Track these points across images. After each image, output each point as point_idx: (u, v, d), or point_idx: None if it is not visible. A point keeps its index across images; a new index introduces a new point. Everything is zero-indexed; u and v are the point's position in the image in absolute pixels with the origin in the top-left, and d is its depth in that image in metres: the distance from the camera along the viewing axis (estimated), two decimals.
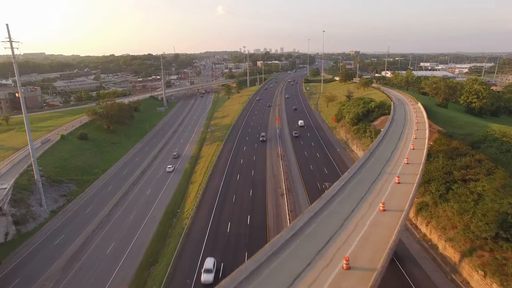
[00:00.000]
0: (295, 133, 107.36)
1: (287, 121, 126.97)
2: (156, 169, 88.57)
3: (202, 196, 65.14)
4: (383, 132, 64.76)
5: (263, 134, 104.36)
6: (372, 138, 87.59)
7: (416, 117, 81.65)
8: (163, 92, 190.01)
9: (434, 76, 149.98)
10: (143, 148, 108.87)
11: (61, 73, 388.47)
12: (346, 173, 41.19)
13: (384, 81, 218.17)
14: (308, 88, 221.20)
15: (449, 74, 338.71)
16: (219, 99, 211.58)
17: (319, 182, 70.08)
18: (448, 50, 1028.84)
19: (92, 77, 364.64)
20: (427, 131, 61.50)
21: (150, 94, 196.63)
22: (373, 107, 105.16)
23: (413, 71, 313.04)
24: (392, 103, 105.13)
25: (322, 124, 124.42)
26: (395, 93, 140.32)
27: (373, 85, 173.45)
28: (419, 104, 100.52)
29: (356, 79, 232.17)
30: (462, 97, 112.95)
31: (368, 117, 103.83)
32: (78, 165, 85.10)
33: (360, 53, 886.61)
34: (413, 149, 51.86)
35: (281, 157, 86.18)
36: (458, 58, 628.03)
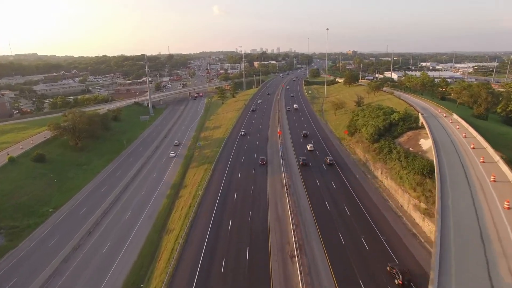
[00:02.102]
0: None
1: (290, 134, 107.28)
2: (125, 205, 68.41)
3: (178, 261, 45.28)
4: (437, 168, 45.29)
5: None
6: (401, 161, 68.29)
7: (465, 136, 62.55)
8: (148, 97, 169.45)
9: (463, 80, 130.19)
10: (115, 171, 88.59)
11: (46, 75, 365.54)
12: None
13: (392, 83, 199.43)
14: (310, 91, 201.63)
15: (456, 75, 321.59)
16: (212, 104, 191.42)
17: (341, 229, 51.08)
18: (444, 49, 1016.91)
19: (78, 79, 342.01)
20: (506, 169, 41.94)
21: (135, 100, 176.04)
22: (396, 119, 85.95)
23: (414, 72, 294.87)
24: (420, 114, 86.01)
25: (332, 138, 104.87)
26: (413, 99, 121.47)
27: (384, 88, 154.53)
28: (455, 116, 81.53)
29: (362, 81, 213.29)
30: (501, 105, 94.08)
31: (391, 131, 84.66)
32: (21, 202, 64.85)
33: (358, 52, 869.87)
34: (508, 207, 32.38)
35: (286, 188, 66.50)
36: (457, 58, 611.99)
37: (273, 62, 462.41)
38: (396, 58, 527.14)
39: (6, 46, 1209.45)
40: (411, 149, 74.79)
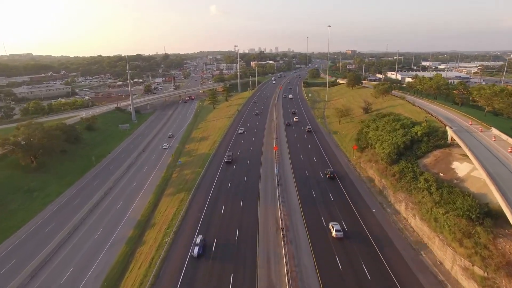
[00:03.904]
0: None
1: (288, 149, 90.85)
2: (69, 256, 51.64)
3: None
4: None
5: None
6: (432, 194, 52.36)
7: None
8: (131, 102, 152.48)
9: (495, 85, 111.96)
10: (73, 199, 71.84)
11: (32, 76, 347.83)
12: None
13: (399, 85, 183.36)
14: (310, 94, 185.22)
15: (463, 75, 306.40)
16: (203, 109, 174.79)
17: None
18: (443, 48, 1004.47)
19: (64, 80, 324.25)
20: None
21: (116, 105, 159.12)
22: (419, 134, 69.65)
23: (421, 72, 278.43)
24: (448, 128, 69.72)
25: (337, 153, 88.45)
26: (430, 106, 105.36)
27: (393, 92, 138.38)
28: (496, 131, 65.17)
29: (366, 83, 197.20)
30: None
31: (412, 150, 68.48)
32: None
33: (357, 52, 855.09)
34: None
35: (282, 234, 50.13)
36: (458, 57, 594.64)
37: (271, 62, 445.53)
38: (395, 58, 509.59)
39: (1, 46, 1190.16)
40: (441, 174, 58.69)
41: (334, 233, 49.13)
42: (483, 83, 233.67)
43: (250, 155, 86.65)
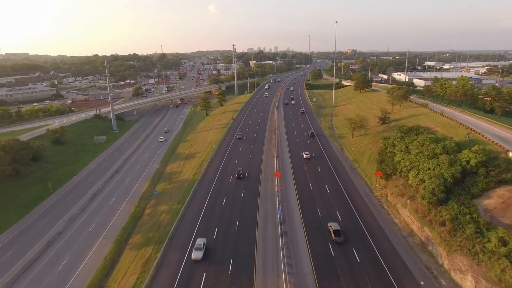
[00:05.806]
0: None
1: (293, 175, 72.55)
2: None
3: None
4: None
5: None
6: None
7: None
8: (111, 108, 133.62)
9: None
10: (1, 252, 53.40)
11: (18, 77, 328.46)
12: None
13: (411, 87, 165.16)
14: (314, 99, 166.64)
15: (474, 76, 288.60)
16: (195, 116, 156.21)
17: None
18: (442, 48, 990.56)
19: (50, 82, 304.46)
20: None
21: (95, 112, 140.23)
22: (473, 164, 51.43)
23: (418, 72, 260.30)
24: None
25: (353, 177, 70.21)
26: (461, 116, 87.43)
27: (410, 97, 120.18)
28: None
29: (375, 85, 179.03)
30: None
31: (464, 184, 50.46)
32: None
33: (357, 51, 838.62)
34: None
35: None
36: (460, 57, 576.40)
37: (270, 62, 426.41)
38: (398, 57, 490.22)
39: None
40: None
41: None
42: (496, 84, 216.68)
43: (248, 165, 68.58)
